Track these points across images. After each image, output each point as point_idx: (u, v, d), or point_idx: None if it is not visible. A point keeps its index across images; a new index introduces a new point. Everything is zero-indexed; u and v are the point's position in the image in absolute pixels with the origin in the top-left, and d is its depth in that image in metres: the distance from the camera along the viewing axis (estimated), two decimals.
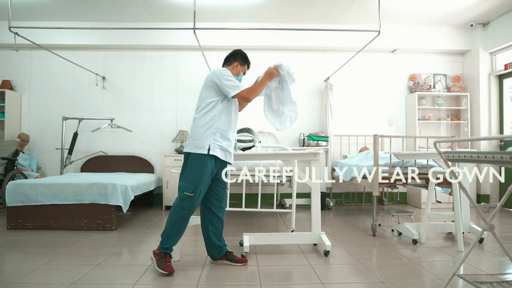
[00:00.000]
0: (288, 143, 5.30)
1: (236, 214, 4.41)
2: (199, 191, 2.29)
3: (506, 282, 1.87)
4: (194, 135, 2.34)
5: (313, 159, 2.84)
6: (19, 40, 3.69)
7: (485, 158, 1.45)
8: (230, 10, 4.75)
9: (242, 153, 2.84)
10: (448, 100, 5.52)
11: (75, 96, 5.33)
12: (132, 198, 3.64)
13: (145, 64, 5.37)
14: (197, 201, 2.32)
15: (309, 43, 5.26)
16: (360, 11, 4.75)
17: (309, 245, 2.96)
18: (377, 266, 2.46)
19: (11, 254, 2.68)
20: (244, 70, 2.62)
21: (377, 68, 5.51)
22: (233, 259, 2.46)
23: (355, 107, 5.46)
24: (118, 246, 2.96)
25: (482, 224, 1.64)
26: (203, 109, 2.36)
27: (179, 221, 2.30)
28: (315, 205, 2.84)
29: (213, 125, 2.33)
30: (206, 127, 2.32)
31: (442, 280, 2.15)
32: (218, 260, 2.48)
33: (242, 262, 2.46)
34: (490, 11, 4.73)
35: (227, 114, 2.40)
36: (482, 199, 5.06)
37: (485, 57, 5.19)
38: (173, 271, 2.26)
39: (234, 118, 2.48)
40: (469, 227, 3.17)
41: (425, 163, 3.41)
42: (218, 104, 2.37)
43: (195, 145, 2.31)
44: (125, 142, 5.31)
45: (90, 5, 4.60)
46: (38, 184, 3.52)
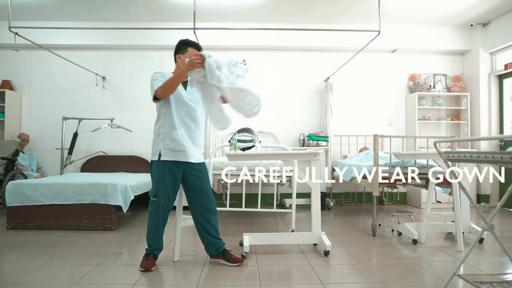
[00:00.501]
0: (288, 143, 5.30)
1: (236, 214, 4.41)
2: (161, 195, 2.39)
3: (506, 282, 1.87)
4: (152, 143, 2.46)
5: (313, 159, 2.84)
6: (19, 40, 3.69)
7: (485, 158, 1.44)
8: (230, 10, 4.75)
9: (242, 153, 2.83)
10: (448, 100, 5.52)
11: (75, 96, 5.33)
12: (132, 198, 3.64)
13: (145, 64, 5.37)
14: (163, 204, 2.40)
15: (309, 43, 5.26)
16: (360, 11, 4.75)
17: (309, 245, 2.96)
18: (377, 266, 2.46)
19: (11, 254, 2.68)
20: (190, 55, 2.30)
21: (377, 68, 5.51)
22: (230, 259, 2.46)
23: (355, 107, 5.47)
24: (118, 246, 2.96)
25: (482, 224, 1.64)
26: (156, 119, 2.47)
27: (151, 223, 2.43)
28: (315, 205, 2.83)
29: (160, 131, 2.40)
30: (156, 134, 2.43)
31: (442, 280, 2.15)
32: (215, 258, 2.48)
33: (237, 262, 2.45)
34: (490, 11, 4.73)
35: (169, 115, 2.37)
36: (482, 199, 5.06)
37: (485, 57, 5.19)
38: (147, 267, 2.31)
39: (180, 113, 2.38)
40: (469, 227, 3.17)
41: (425, 163, 3.41)
42: (161, 109, 2.42)
43: (152, 153, 2.44)
44: (125, 142, 5.31)
45: (90, 5, 4.60)
46: (38, 184, 3.51)
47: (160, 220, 2.42)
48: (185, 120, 2.40)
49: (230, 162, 3.67)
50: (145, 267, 2.32)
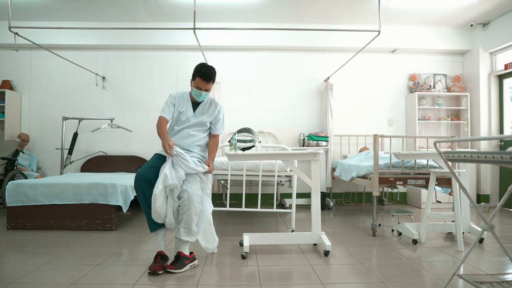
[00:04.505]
0: (288, 143, 5.30)
1: (236, 214, 4.41)
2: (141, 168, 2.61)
3: (506, 282, 1.87)
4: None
5: (313, 159, 2.84)
6: (19, 40, 3.69)
7: (485, 158, 1.44)
8: (230, 10, 4.75)
9: (242, 153, 2.83)
10: (448, 100, 5.52)
11: (75, 96, 5.33)
12: (132, 198, 3.64)
13: (145, 64, 5.37)
14: (140, 172, 2.49)
15: (309, 43, 5.26)
16: (360, 11, 4.75)
17: (309, 245, 2.96)
18: (377, 266, 2.46)
19: (11, 254, 2.68)
20: (196, 85, 2.57)
21: (377, 68, 5.51)
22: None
23: (355, 107, 5.46)
24: (118, 246, 2.96)
25: (482, 224, 1.64)
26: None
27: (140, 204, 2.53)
28: (315, 205, 2.84)
29: None
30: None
31: (442, 280, 2.15)
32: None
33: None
34: (490, 11, 4.73)
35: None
36: (482, 199, 5.06)
37: (485, 57, 5.19)
38: (154, 269, 2.26)
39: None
40: (469, 227, 3.17)
41: (425, 163, 3.41)
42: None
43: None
44: (125, 142, 5.31)
45: (90, 5, 4.60)
46: (38, 184, 3.51)
47: (140, 196, 2.39)
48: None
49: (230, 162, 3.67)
50: (152, 269, 2.27)
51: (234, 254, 2.71)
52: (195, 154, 2.60)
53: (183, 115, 2.63)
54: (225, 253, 2.74)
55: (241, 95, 5.38)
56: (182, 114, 2.63)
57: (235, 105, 5.33)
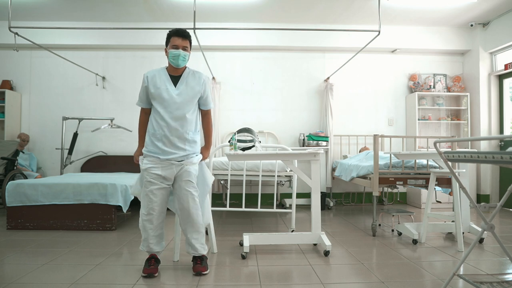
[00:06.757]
0: (288, 143, 5.30)
1: (236, 214, 4.41)
2: None
3: (506, 282, 1.87)
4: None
5: (313, 159, 2.84)
6: (19, 40, 3.69)
7: (485, 158, 1.44)
8: (230, 10, 4.75)
9: (242, 153, 2.83)
10: (448, 100, 5.52)
11: (75, 96, 5.33)
12: (132, 198, 3.64)
13: (145, 64, 5.36)
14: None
15: (309, 43, 5.25)
16: (360, 11, 4.75)
17: (309, 245, 2.96)
18: (377, 266, 2.46)
19: (11, 254, 2.68)
20: (172, 45, 2.27)
21: (377, 68, 5.51)
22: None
23: (355, 107, 5.46)
24: (118, 246, 2.96)
25: (482, 224, 1.64)
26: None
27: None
28: (315, 205, 2.83)
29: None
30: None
31: (442, 280, 2.15)
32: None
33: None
34: (490, 11, 4.73)
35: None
36: (482, 199, 5.06)
37: (485, 57, 5.19)
38: (150, 272, 2.22)
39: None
40: (469, 227, 3.17)
41: (425, 163, 3.41)
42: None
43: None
44: (125, 142, 5.31)
45: (90, 5, 4.60)
46: (38, 184, 3.51)
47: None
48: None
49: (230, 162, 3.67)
50: (148, 272, 2.22)
51: (234, 254, 2.71)
52: (189, 149, 2.33)
53: (164, 91, 2.27)
54: (225, 253, 2.74)
55: (241, 95, 5.38)
56: (161, 90, 2.27)
57: (235, 105, 5.33)
